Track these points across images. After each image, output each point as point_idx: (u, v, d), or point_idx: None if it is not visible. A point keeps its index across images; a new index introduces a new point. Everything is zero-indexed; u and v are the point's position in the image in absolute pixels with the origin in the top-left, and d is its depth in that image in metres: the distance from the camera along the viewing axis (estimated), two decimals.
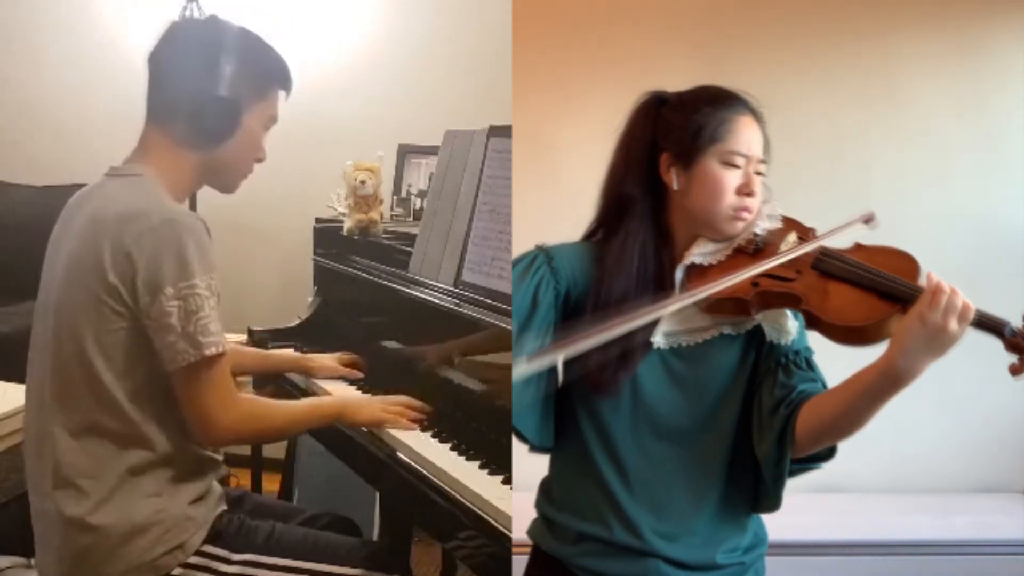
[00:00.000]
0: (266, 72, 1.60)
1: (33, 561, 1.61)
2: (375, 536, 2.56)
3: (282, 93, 1.63)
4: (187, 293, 1.38)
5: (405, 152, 3.11)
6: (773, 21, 2.78)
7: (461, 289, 1.91)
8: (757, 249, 1.33)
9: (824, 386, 1.34)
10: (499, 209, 1.90)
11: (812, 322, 1.28)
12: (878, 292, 1.23)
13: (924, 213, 2.74)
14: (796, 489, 1.33)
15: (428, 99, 3.33)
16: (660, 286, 1.32)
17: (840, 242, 1.33)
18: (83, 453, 1.44)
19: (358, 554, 1.62)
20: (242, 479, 2.91)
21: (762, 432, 1.32)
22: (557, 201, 1.41)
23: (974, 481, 2.77)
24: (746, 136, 1.32)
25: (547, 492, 1.45)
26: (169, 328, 1.39)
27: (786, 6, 2.79)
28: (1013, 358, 1.19)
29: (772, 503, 1.37)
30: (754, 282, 1.28)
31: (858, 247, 1.33)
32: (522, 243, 1.73)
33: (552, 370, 1.31)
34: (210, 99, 1.51)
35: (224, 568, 1.50)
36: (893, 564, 2.43)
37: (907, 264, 1.26)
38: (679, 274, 1.35)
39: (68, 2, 3.65)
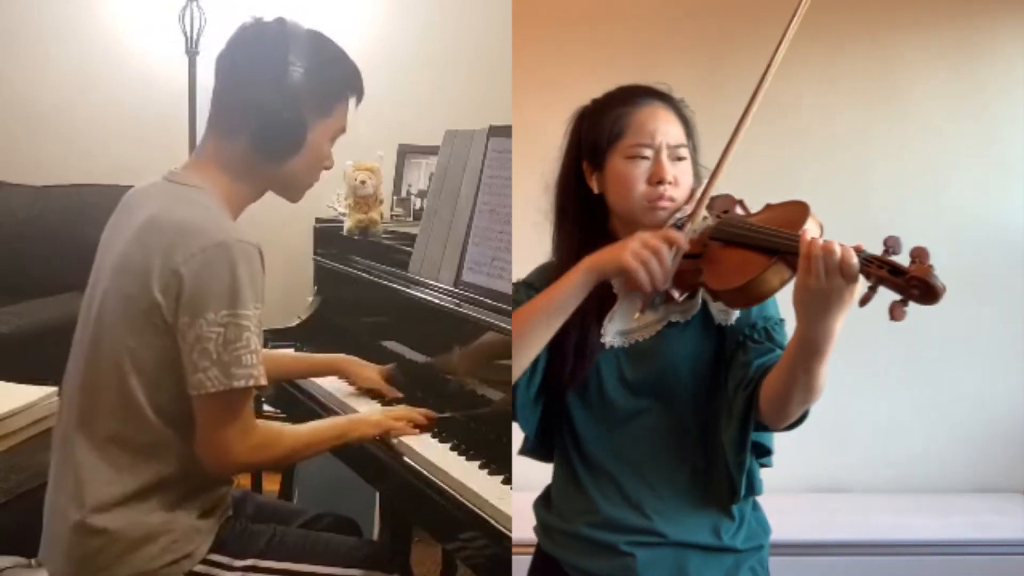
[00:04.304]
0: (335, 83, 1.53)
1: (33, 561, 1.61)
2: (375, 536, 2.56)
3: (352, 100, 1.56)
4: (229, 321, 1.34)
5: (405, 152, 3.11)
6: (773, 21, 2.77)
7: (461, 289, 1.91)
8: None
9: None
10: (499, 209, 1.90)
11: (713, 295, 1.27)
12: (759, 248, 1.20)
13: (924, 213, 2.73)
14: (796, 489, 1.32)
15: (428, 99, 3.33)
16: (600, 287, 1.31)
17: (755, 207, 1.32)
18: (103, 461, 1.42)
19: (358, 555, 1.62)
20: (242, 479, 2.91)
21: (728, 417, 1.31)
22: None
23: (974, 481, 2.77)
24: (648, 126, 1.33)
25: (545, 496, 1.48)
26: (204, 353, 1.35)
27: (786, 6, 2.78)
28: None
29: (734, 493, 1.33)
30: None
31: (766, 207, 1.31)
32: (522, 243, 1.73)
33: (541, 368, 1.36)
34: (276, 118, 1.45)
35: (226, 575, 1.50)
36: (893, 564, 2.43)
37: (794, 213, 1.21)
38: None
39: (69, 3, 3.65)
